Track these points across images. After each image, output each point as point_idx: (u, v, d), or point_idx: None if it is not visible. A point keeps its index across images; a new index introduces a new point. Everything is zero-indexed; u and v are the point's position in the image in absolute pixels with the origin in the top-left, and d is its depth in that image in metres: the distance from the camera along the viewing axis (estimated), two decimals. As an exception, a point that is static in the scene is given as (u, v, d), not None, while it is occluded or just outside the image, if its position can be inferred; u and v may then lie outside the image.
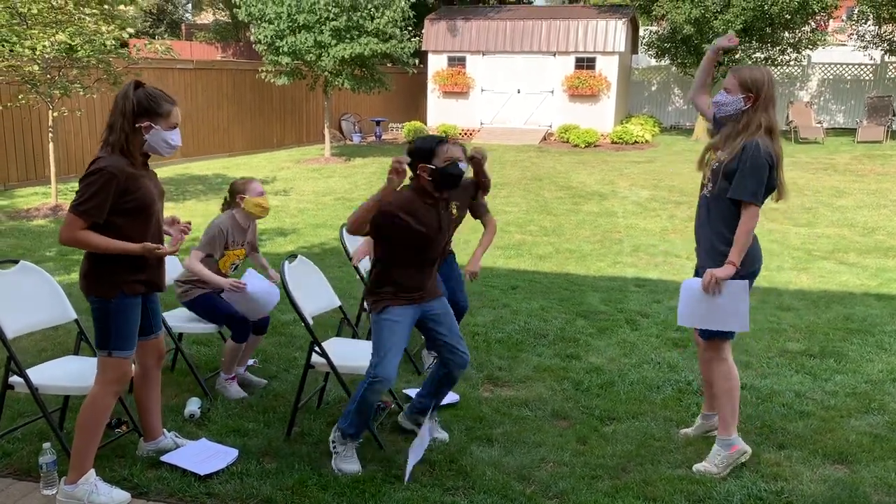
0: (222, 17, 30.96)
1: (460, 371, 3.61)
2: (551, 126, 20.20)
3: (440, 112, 21.19)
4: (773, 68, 19.97)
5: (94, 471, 3.16)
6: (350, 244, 4.80)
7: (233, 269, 4.42)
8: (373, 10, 14.50)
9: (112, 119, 3.03)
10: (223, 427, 3.89)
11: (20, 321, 3.44)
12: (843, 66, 21.69)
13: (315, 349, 3.71)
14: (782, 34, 18.68)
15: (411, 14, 15.57)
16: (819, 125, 18.85)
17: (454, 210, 3.77)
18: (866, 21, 19.21)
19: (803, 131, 18.60)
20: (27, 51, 9.09)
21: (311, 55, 14.41)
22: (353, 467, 3.45)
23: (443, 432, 3.79)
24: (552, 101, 20.31)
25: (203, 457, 3.49)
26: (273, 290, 4.28)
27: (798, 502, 3.25)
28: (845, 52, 21.73)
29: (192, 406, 4.03)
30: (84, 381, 3.34)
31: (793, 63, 19.97)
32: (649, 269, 7.41)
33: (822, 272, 7.29)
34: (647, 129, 19.23)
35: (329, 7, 14.11)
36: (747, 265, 3.37)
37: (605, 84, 19.68)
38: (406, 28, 15.43)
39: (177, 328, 4.33)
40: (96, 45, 9.45)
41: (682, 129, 22.11)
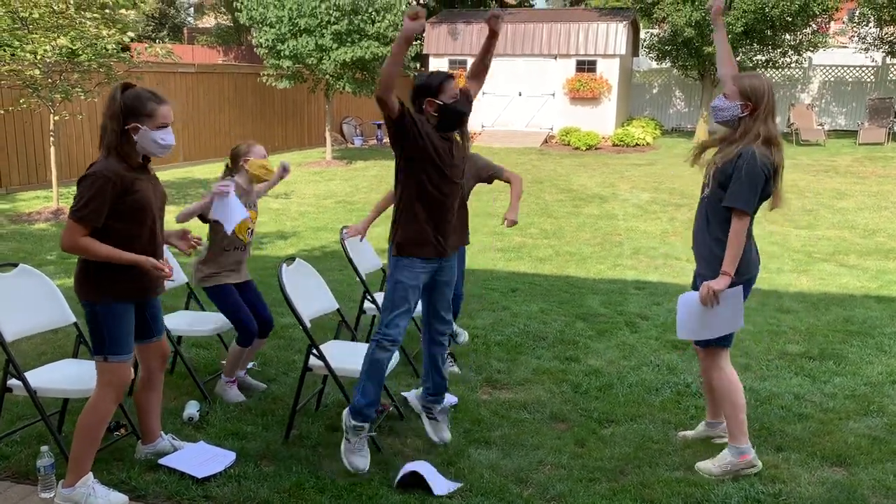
0: (224, 21, 31.03)
1: (442, 345, 3.65)
2: (552, 129, 20.20)
3: (441, 115, 21.16)
4: (774, 70, 19.98)
5: (91, 474, 3.17)
6: (350, 248, 4.80)
7: (250, 235, 4.34)
8: (373, 13, 14.52)
9: (103, 122, 3.05)
10: (221, 430, 3.90)
11: (19, 324, 3.44)
12: (845, 69, 21.66)
13: (313, 352, 3.71)
14: (783, 36, 18.66)
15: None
16: (820, 127, 18.83)
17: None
18: (867, 23, 19.19)
19: (804, 133, 18.59)
20: (28, 55, 9.12)
21: (313, 59, 14.44)
22: (361, 463, 3.42)
23: (447, 433, 3.76)
24: (553, 104, 20.32)
25: (201, 460, 3.50)
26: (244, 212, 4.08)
27: (796, 505, 3.25)
28: (846, 54, 21.71)
29: (191, 409, 4.04)
30: (83, 384, 3.35)
31: (794, 65, 19.94)
32: (649, 271, 7.41)
33: (823, 274, 7.28)
34: (648, 131, 19.22)
35: (330, 11, 14.14)
36: (742, 273, 3.37)
37: (606, 87, 19.69)
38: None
39: (176, 331, 4.33)
40: (98, 49, 9.48)
41: (683, 132, 22.11)
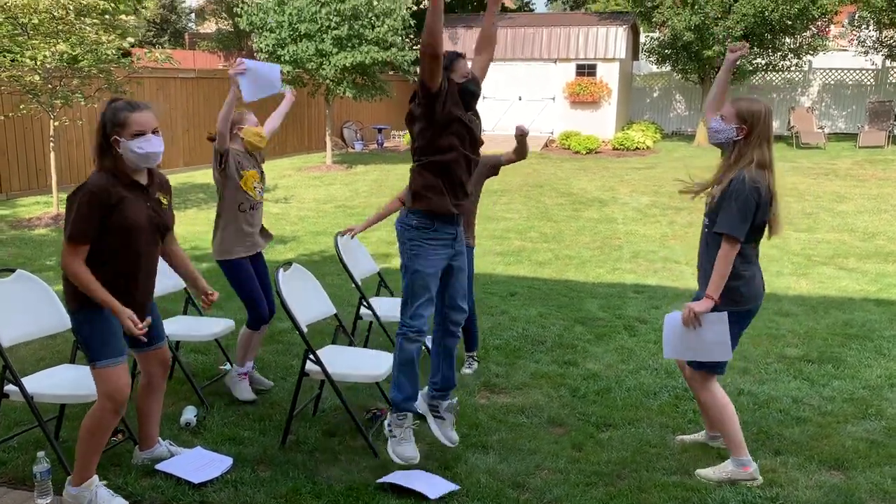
0: (225, 27, 31.06)
1: (453, 328, 3.58)
2: (553, 133, 20.22)
3: (442, 119, 21.19)
4: (773, 74, 20.00)
5: (97, 478, 3.17)
6: (346, 255, 4.80)
7: (259, 194, 4.31)
8: (373, 18, 14.55)
9: (95, 139, 3.07)
10: (219, 435, 3.90)
11: (16, 330, 3.45)
12: (845, 72, 21.67)
13: (310, 357, 3.71)
14: (783, 40, 18.69)
15: (412, 22, 15.62)
16: (820, 130, 18.84)
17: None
18: (867, 26, 19.21)
19: (805, 136, 18.59)
20: (28, 61, 9.15)
21: (313, 64, 14.47)
22: (410, 452, 3.40)
23: (454, 433, 3.68)
24: (553, 108, 20.34)
25: (197, 465, 3.50)
26: (273, 66, 4.12)
27: (793, 509, 3.24)
28: (846, 57, 21.73)
29: (188, 414, 4.04)
30: (80, 389, 3.35)
31: (794, 68, 19.97)
32: (648, 275, 7.41)
33: (822, 277, 7.28)
34: (648, 135, 19.23)
35: (330, 16, 14.17)
36: (742, 302, 3.35)
37: (606, 91, 19.71)
38: (407, 36, 15.48)
39: (174, 336, 4.34)
40: (98, 55, 9.51)
41: (683, 135, 22.11)
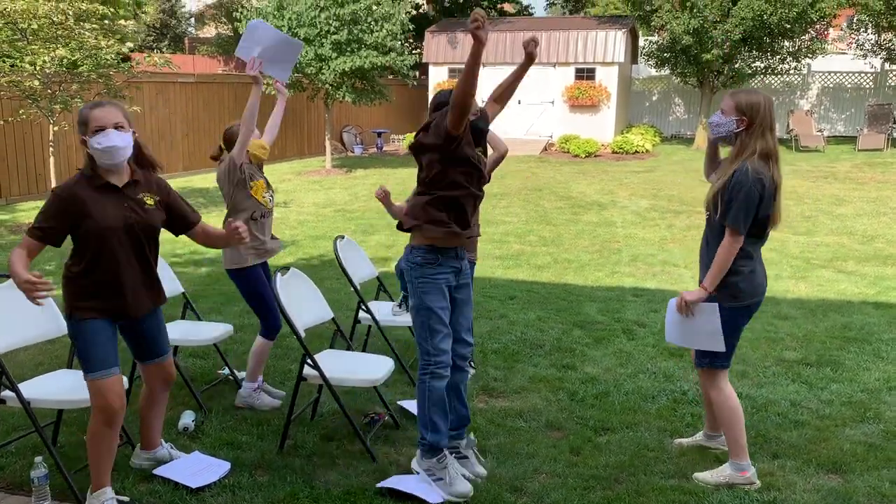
0: (225, 31, 31.12)
1: (464, 370, 3.51)
2: (552, 136, 20.24)
3: (441, 123, 21.21)
4: (773, 77, 20.01)
5: (110, 490, 3.17)
6: (344, 258, 4.81)
7: (271, 200, 4.33)
8: (372, 23, 14.58)
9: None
10: (217, 440, 3.90)
11: (12, 336, 3.45)
12: (844, 75, 21.70)
13: (307, 361, 3.71)
14: (782, 43, 18.72)
15: (411, 27, 15.65)
16: (819, 133, 18.86)
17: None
18: (865, 30, 19.24)
19: (804, 140, 18.61)
20: (28, 66, 9.17)
21: (312, 68, 14.49)
22: (465, 487, 3.31)
23: (480, 467, 3.56)
24: (553, 112, 20.36)
25: (195, 469, 3.50)
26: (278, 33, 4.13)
27: (791, 512, 3.24)
28: (845, 60, 21.75)
29: (186, 419, 4.04)
30: (77, 394, 3.35)
31: (793, 72, 19.99)
32: (647, 278, 7.41)
33: (821, 280, 7.28)
34: (647, 138, 19.25)
35: (330, 21, 14.20)
36: (742, 297, 3.35)
37: (606, 94, 19.73)
38: (406, 41, 15.50)
39: (172, 341, 4.31)
40: (98, 60, 9.53)
41: (682, 139, 22.14)
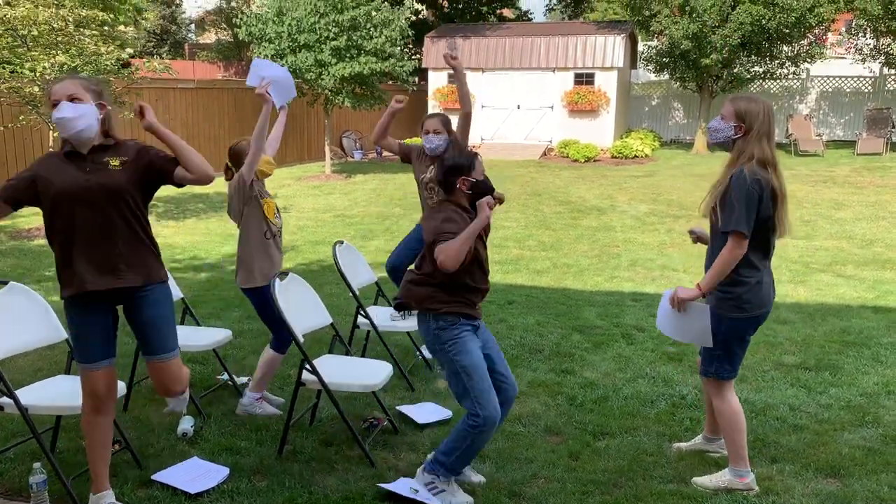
0: (225, 37, 31.21)
1: (509, 406, 3.49)
2: (551, 141, 20.26)
3: (441, 128, 21.25)
4: (771, 82, 20.05)
5: (111, 493, 3.18)
6: (343, 263, 4.82)
7: (279, 219, 4.36)
8: (371, 29, 14.61)
9: None
10: (216, 445, 3.90)
11: (10, 342, 3.44)
12: (842, 79, 21.74)
13: (306, 367, 3.71)
14: (781, 48, 18.76)
15: (411, 33, 15.69)
16: (818, 138, 18.87)
17: None
18: (864, 34, 19.28)
19: (803, 144, 18.63)
20: (28, 72, 9.19)
21: (312, 74, 14.52)
22: (465, 498, 3.34)
23: (478, 475, 3.57)
24: (552, 117, 20.39)
25: (194, 475, 3.50)
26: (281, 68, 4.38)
27: (789, 517, 3.24)
28: (844, 64, 21.78)
29: (185, 424, 4.04)
30: (75, 400, 3.34)
31: (791, 76, 20.03)
32: (646, 283, 7.41)
33: (820, 285, 7.28)
34: (646, 143, 19.27)
35: (329, 27, 14.23)
36: (751, 309, 3.33)
37: (605, 99, 19.77)
38: (406, 46, 15.53)
39: (170, 346, 4.34)
40: (98, 66, 9.55)
41: (682, 143, 22.16)
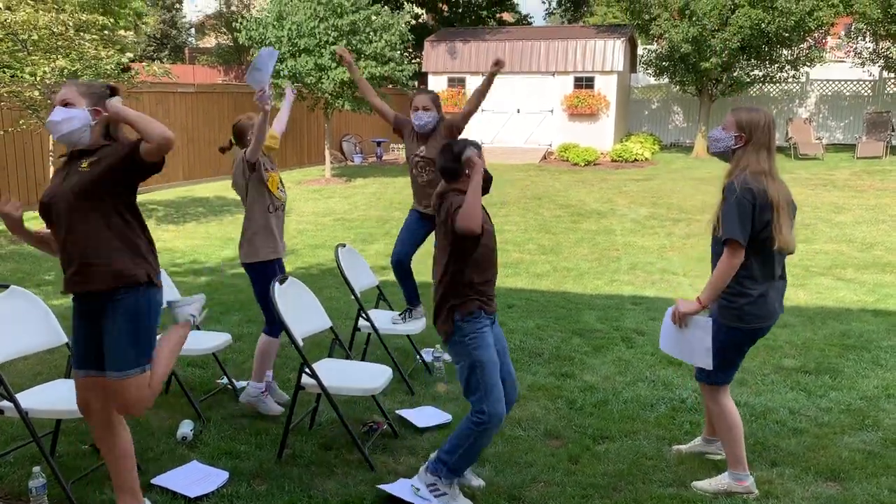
0: (225, 41, 31.25)
1: (510, 407, 3.48)
2: (551, 145, 20.28)
3: (441, 132, 21.27)
4: (771, 85, 20.08)
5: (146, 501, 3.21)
6: (346, 266, 4.82)
7: (282, 192, 4.35)
8: (371, 33, 14.64)
9: None
10: (215, 449, 3.90)
11: (10, 346, 3.44)
12: (842, 83, 21.75)
13: (305, 370, 3.71)
14: (780, 52, 18.78)
15: (410, 37, 15.71)
16: (818, 141, 18.88)
17: None
18: (863, 38, 19.30)
19: (803, 147, 18.64)
20: (28, 76, 9.20)
21: (312, 78, 14.54)
22: (466, 502, 3.34)
23: (478, 479, 3.55)
24: (552, 121, 20.41)
25: (193, 479, 3.50)
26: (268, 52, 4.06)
27: (789, 520, 3.24)
28: (843, 68, 21.81)
29: (185, 428, 4.04)
30: (74, 404, 3.33)
31: (791, 80, 20.05)
32: (646, 286, 7.41)
33: (820, 288, 7.28)
34: (646, 146, 19.28)
35: (328, 31, 14.26)
36: (752, 321, 3.32)
37: (604, 103, 19.79)
38: (406, 51, 15.56)
39: (170, 350, 4.34)
40: (99, 70, 9.57)
41: (682, 147, 22.17)
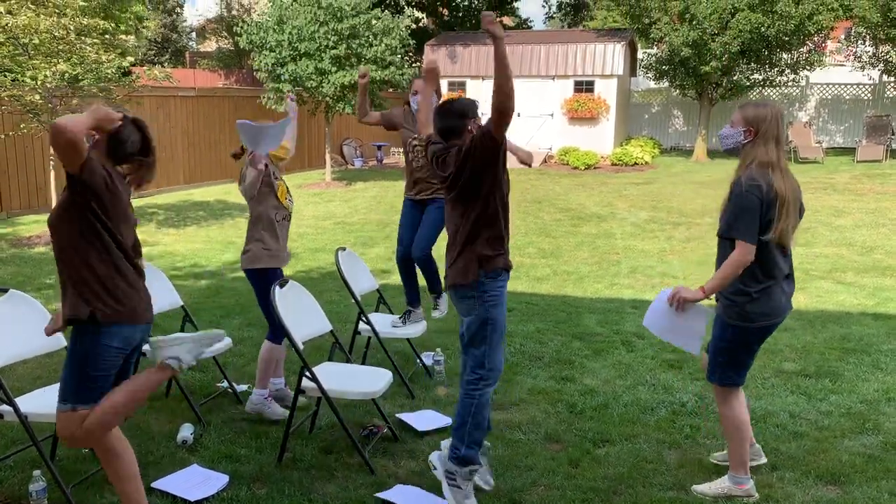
0: (225, 45, 31.29)
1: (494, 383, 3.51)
2: (551, 149, 20.29)
3: (441, 136, 21.28)
4: (771, 89, 20.10)
5: None
6: (346, 269, 4.82)
7: (290, 202, 4.39)
8: (371, 37, 14.66)
9: None
10: (215, 453, 3.90)
11: (10, 350, 3.44)
12: (842, 87, 21.78)
13: (305, 374, 3.72)
14: (780, 55, 18.80)
15: (411, 41, 15.73)
16: (818, 145, 18.90)
17: None
18: (863, 42, 19.33)
19: (803, 151, 18.65)
20: (29, 80, 9.22)
21: (313, 82, 14.56)
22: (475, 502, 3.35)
23: (490, 477, 3.55)
24: (552, 124, 20.43)
25: (194, 483, 3.50)
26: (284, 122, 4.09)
27: (790, 524, 3.24)
28: (843, 72, 21.83)
29: (185, 432, 4.04)
30: (74, 408, 3.34)
31: (791, 84, 20.07)
32: (646, 290, 7.41)
33: (820, 292, 7.28)
34: (646, 150, 19.30)
35: (329, 36, 14.28)
36: (756, 319, 3.30)
37: (605, 107, 19.81)
38: (406, 55, 15.58)
39: (170, 354, 4.34)
40: (100, 74, 9.59)
41: (682, 151, 22.18)
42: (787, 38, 17.70)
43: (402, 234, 5.15)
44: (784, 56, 18.86)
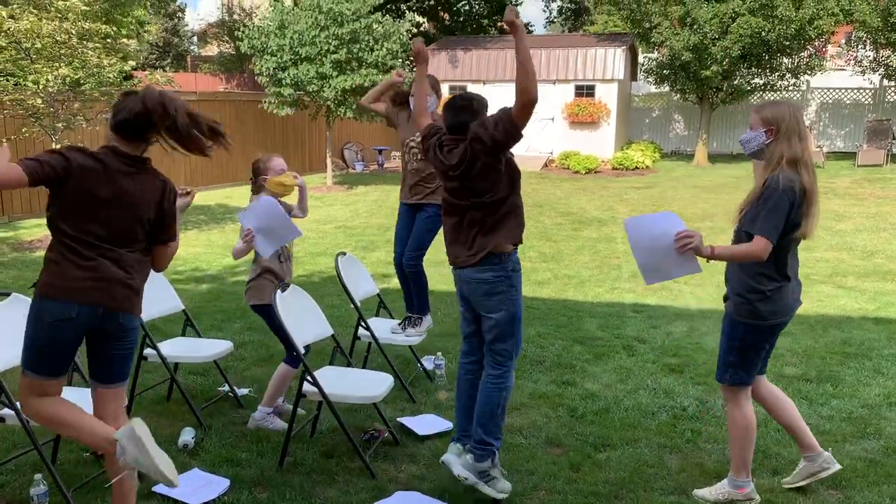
0: (227, 50, 31.36)
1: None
2: (552, 153, 20.31)
3: (442, 140, 21.30)
4: (771, 93, 20.12)
5: None
6: (346, 274, 4.82)
7: (291, 245, 4.39)
8: (372, 41, 14.69)
9: None
10: (216, 457, 3.90)
11: (11, 353, 3.45)
12: (843, 91, 21.80)
13: (307, 378, 3.72)
14: (781, 60, 18.83)
15: (412, 46, 15.74)
16: (819, 149, 18.90)
17: None
18: (864, 46, 19.35)
19: (804, 155, 18.64)
20: (31, 84, 9.24)
21: (314, 86, 14.58)
22: (508, 485, 3.44)
23: (505, 483, 3.48)
24: (553, 129, 20.45)
25: (194, 487, 3.50)
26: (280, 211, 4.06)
27: (791, 529, 3.23)
28: (844, 76, 21.85)
29: (186, 436, 4.04)
30: (75, 411, 3.34)
31: (792, 88, 20.09)
32: (647, 294, 7.41)
33: (821, 296, 7.28)
34: (647, 154, 19.31)
35: (329, 40, 14.31)
36: (767, 318, 3.29)
37: (605, 111, 19.83)
38: (407, 59, 15.61)
39: (172, 358, 4.35)
40: (101, 79, 9.61)
41: (682, 155, 22.20)
42: (787, 43, 17.72)
43: (399, 239, 5.17)
44: (785, 60, 18.89)
